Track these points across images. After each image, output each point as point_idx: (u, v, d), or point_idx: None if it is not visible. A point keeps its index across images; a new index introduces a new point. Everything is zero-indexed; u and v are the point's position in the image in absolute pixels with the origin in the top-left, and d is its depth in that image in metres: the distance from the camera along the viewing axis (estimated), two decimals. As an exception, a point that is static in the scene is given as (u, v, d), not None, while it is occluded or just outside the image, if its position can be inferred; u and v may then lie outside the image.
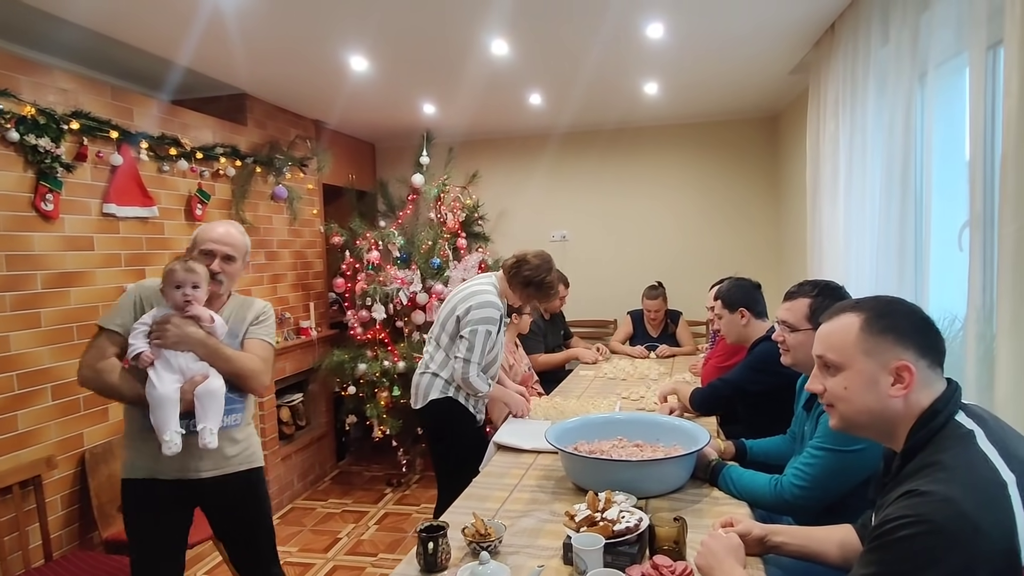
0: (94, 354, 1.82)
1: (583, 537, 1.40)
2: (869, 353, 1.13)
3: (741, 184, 4.89)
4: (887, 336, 1.12)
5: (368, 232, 4.14)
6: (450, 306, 2.54)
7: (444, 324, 2.53)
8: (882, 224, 2.22)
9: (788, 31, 2.93)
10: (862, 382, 1.14)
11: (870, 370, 1.13)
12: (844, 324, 1.18)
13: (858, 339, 1.15)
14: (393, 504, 3.82)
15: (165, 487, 1.85)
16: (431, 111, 4.18)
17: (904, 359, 1.10)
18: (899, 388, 1.10)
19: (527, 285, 2.53)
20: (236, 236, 1.97)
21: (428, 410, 2.53)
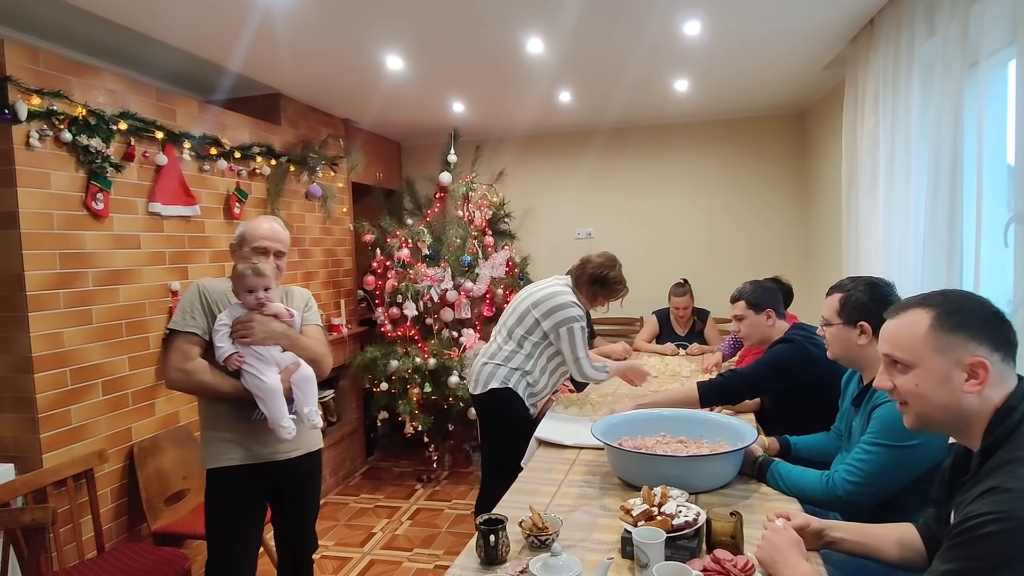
0: (178, 357, 1.87)
1: (644, 531, 1.41)
2: (941, 350, 1.12)
3: (769, 180, 4.86)
4: (959, 332, 1.11)
5: (398, 230, 4.18)
6: (526, 304, 2.63)
7: (522, 318, 2.62)
8: (929, 220, 2.21)
9: (825, 26, 2.91)
10: (935, 379, 1.13)
11: (943, 367, 1.12)
12: (912, 321, 1.17)
13: (928, 336, 1.14)
14: (424, 500, 3.86)
15: (252, 472, 1.97)
16: (460, 109, 4.20)
17: (978, 355, 1.09)
18: (974, 384, 1.10)
19: (592, 283, 2.65)
20: (281, 231, 2.07)
21: (486, 398, 2.61)
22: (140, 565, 2.24)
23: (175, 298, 2.84)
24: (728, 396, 2.40)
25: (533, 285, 2.75)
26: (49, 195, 2.32)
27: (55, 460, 2.29)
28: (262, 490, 2.03)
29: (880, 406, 1.70)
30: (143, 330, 2.69)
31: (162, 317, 2.80)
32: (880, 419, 1.68)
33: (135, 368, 2.66)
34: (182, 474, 2.80)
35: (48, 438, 2.29)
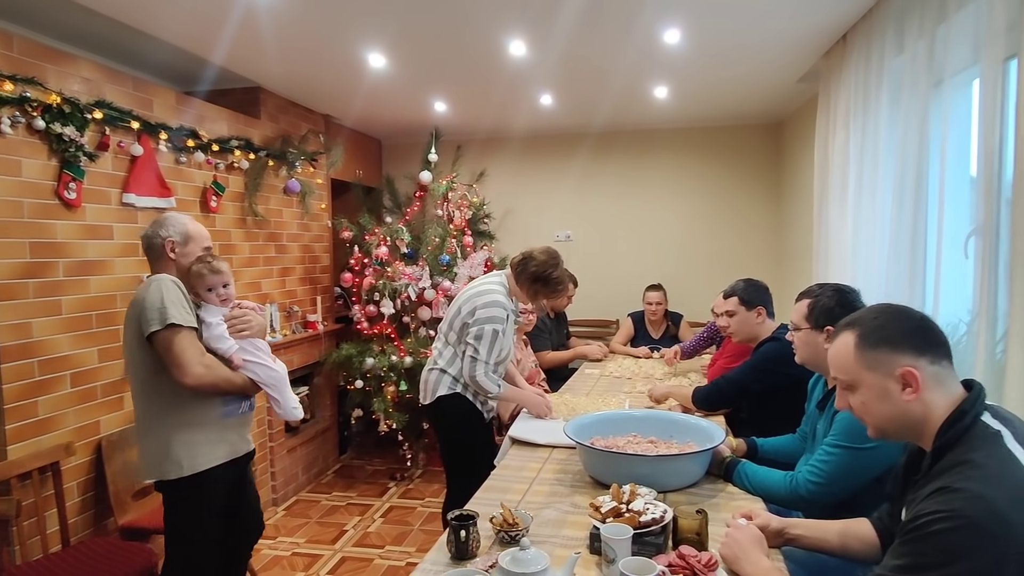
0: (195, 353, 1.84)
1: (612, 527, 1.45)
2: (871, 367, 1.18)
3: (744, 189, 4.96)
4: (882, 347, 1.17)
5: (377, 228, 4.17)
6: (458, 304, 2.56)
7: (452, 321, 2.55)
8: (894, 231, 2.28)
9: (799, 40, 2.99)
10: (875, 395, 1.19)
11: (878, 382, 1.18)
12: (843, 344, 1.24)
13: (857, 356, 1.20)
14: (397, 498, 3.86)
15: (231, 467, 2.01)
16: (442, 109, 4.21)
17: (904, 364, 1.14)
18: (910, 392, 1.15)
19: (534, 281, 2.52)
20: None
21: (436, 406, 2.56)
22: (106, 560, 2.21)
23: (148, 290, 2.80)
24: (719, 403, 2.48)
25: (470, 283, 2.66)
26: (20, 183, 2.28)
27: (21, 452, 2.25)
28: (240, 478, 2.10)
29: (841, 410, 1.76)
30: (113, 322, 2.65)
31: (134, 309, 2.76)
32: (841, 422, 1.74)
33: (104, 360, 2.62)
34: (152, 468, 2.76)
35: (14, 429, 2.24)
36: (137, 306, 1.85)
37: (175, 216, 2.04)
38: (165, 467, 1.89)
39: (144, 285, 1.90)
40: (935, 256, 2.11)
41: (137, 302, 1.86)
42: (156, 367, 1.86)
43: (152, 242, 1.99)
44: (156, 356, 1.84)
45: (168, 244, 1.98)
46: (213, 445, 1.94)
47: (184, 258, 1.98)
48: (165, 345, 1.81)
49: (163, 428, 1.89)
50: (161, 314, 1.80)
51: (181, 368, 1.80)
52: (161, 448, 1.89)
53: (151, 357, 1.85)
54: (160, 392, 1.88)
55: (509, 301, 2.55)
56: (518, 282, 2.55)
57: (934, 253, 2.12)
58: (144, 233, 2.03)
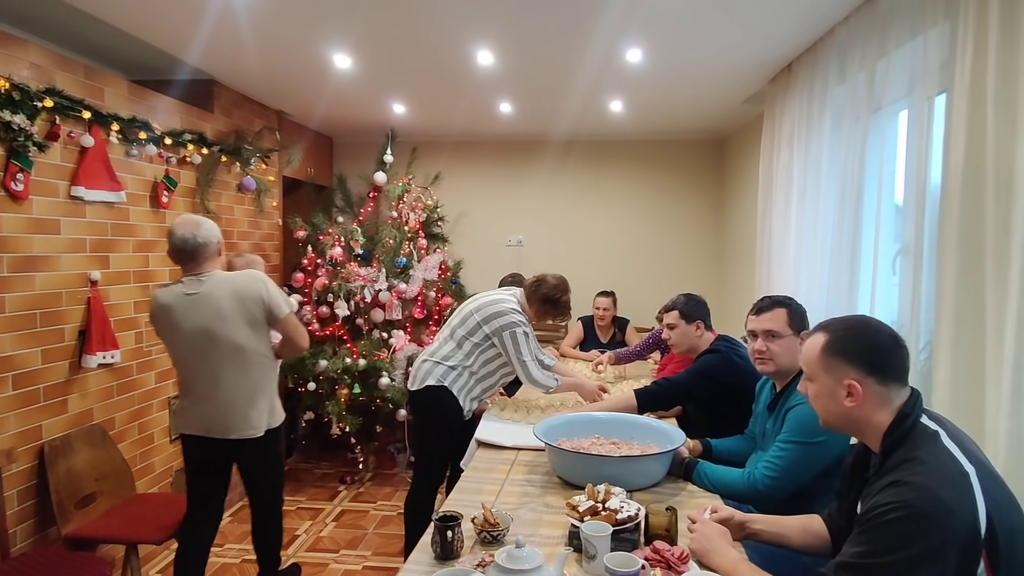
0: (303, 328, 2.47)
1: (592, 525, 1.53)
2: (827, 370, 1.34)
3: (687, 201, 5.20)
4: (838, 357, 1.32)
5: (331, 228, 4.11)
6: (469, 308, 2.74)
7: (466, 320, 2.71)
8: (834, 245, 2.49)
9: (748, 65, 3.19)
10: (825, 392, 1.35)
11: (829, 384, 1.34)
12: (813, 341, 1.38)
13: (819, 357, 1.35)
14: (349, 501, 3.82)
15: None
16: (400, 110, 4.21)
17: (851, 378, 1.29)
18: (851, 400, 1.30)
19: (545, 302, 2.76)
20: None
21: (421, 394, 2.68)
22: (54, 572, 2.10)
23: (94, 288, 2.68)
24: (662, 402, 2.59)
25: (486, 293, 2.85)
26: (-39, 172, 2.14)
27: (-45, 459, 2.12)
28: None
29: (792, 408, 1.91)
30: (58, 321, 2.52)
31: (79, 308, 2.63)
32: (793, 420, 1.89)
33: (48, 361, 2.49)
34: (95, 475, 2.65)
35: (-52, 435, 2.10)
36: (253, 295, 2.28)
37: (208, 221, 2.36)
38: (273, 417, 2.44)
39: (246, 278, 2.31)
40: (871, 270, 2.32)
41: (250, 292, 2.28)
42: (266, 344, 2.37)
43: (209, 243, 2.30)
44: (266, 335, 2.35)
45: (221, 245, 2.38)
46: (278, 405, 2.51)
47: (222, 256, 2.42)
48: (293, 324, 2.38)
49: (270, 390, 2.44)
50: (287, 301, 2.38)
51: (305, 338, 2.44)
52: (267, 406, 2.41)
53: (262, 336, 2.34)
54: (271, 363, 2.42)
55: (522, 315, 2.74)
56: (529, 301, 2.78)
57: (870, 267, 2.33)
58: (190, 235, 2.25)
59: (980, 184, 1.67)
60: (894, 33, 2.12)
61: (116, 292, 2.85)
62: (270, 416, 2.41)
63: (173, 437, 3.24)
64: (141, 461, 3.03)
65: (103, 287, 2.75)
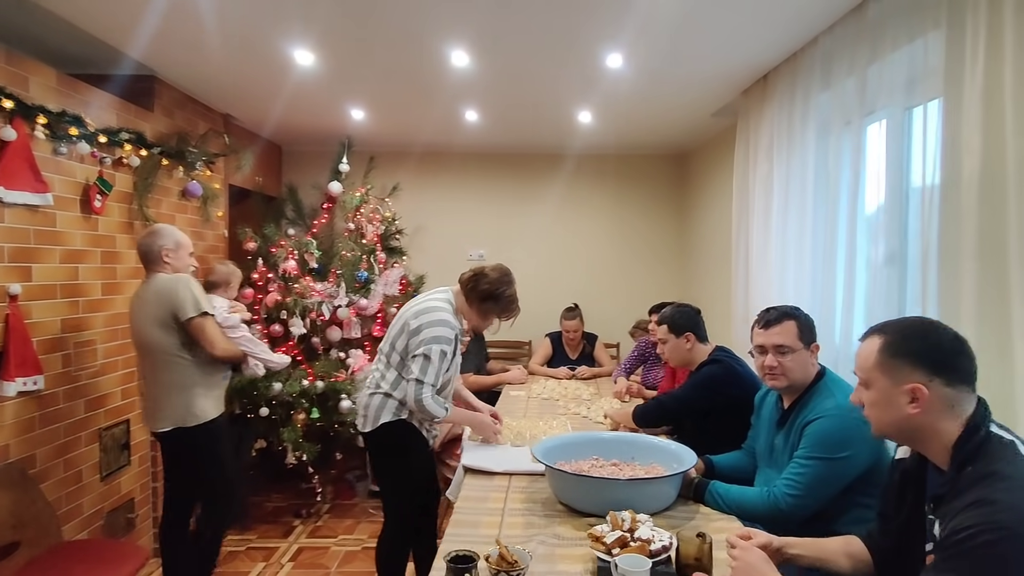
0: (220, 333, 2.53)
1: (628, 559, 1.36)
2: (886, 374, 1.24)
3: (650, 215, 5.20)
4: (899, 360, 1.22)
5: (283, 239, 3.81)
6: (401, 322, 2.35)
7: (394, 342, 2.34)
8: (826, 255, 2.45)
9: (720, 76, 3.16)
10: (883, 399, 1.25)
11: (888, 389, 1.23)
12: (869, 345, 1.28)
13: (877, 361, 1.25)
14: (306, 537, 3.49)
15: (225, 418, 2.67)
16: (359, 117, 3.98)
17: (916, 381, 1.19)
18: (914, 406, 1.20)
19: (485, 299, 2.38)
20: None
21: (379, 433, 2.33)
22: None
23: (13, 304, 2.32)
24: (660, 420, 2.47)
25: (412, 300, 2.46)
26: None
27: None
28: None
29: (811, 423, 1.81)
30: (-30, 342, 2.15)
31: (-5, 327, 2.27)
32: (813, 435, 1.79)
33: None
34: (12, 522, 2.25)
35: None
36: (165, 297, 2.39)
37: (167, 227, 2.57)
38: (187, 418, 2.47)
39: (165, 281, 2.43)
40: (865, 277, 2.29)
41: (164, 295, 2.40)
42: (183, 344, 2.44)
43: (150, 249, 2.48)
44: (184, 335, 2.42)
45: (163, 251, 2.47)
46: (217, 401, 2.60)
47: (178, 261, 2.51)
48: (200, 328, 2.41)
49: (185, 388, 2.47)
50: (195, 304, 2.40)
51: (213, 344, 2.45)
52: (182, 404, 2.46)
53: (179, 336, 2.42)
54: (188, 362, 2.46)
55: (456, 320, 2.38)
56: (468, 301, 2.40)
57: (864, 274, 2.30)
58: (141, 241, 2.52)
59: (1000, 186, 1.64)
60: (888, 37, 2.10)
61: (39, 308, 2.48)
62: (185, 414, 2.47)
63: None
64: (67, 503, 2.63)
65: (24, 302, 2.38)
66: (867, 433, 1.74)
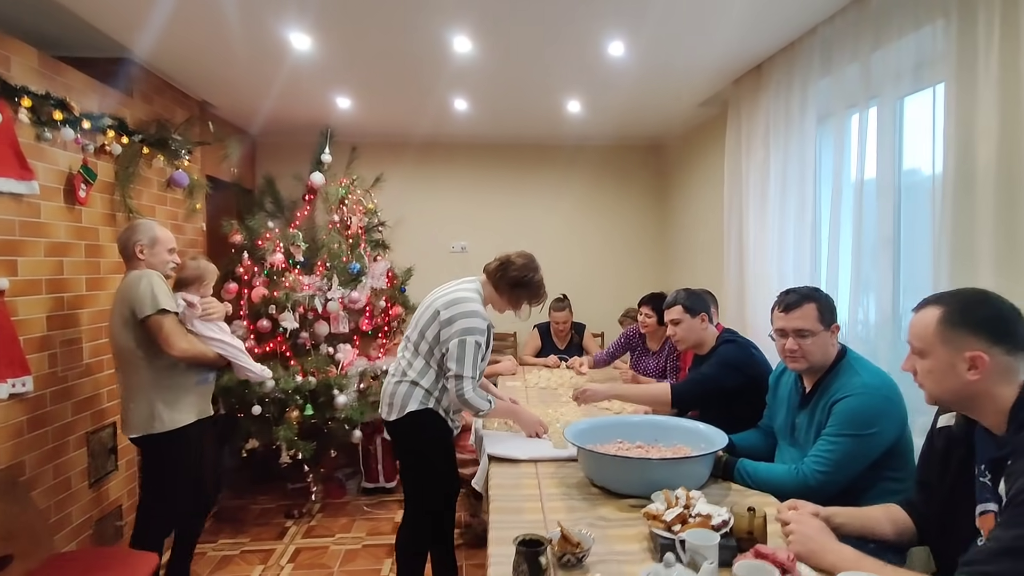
0: (180, 332, 2.34)
1: (697, 534, 1.37)
2: (945, 343, 1.27)
3: (632, 205, 5.26)
4: (960, 329, 1.26)
5: (269, 232, 3.68)
6: (430, 311, 2.31)
7: (424, 330, 2.30)
8: (832, 237, 2.53)
9: (715, 66, 3.22)
10: (941, 367, 1.28)
11: (947, 358, 1.27)
12: (926, 315, 1.32)
13: (937, 331, 1.29)
14: (301, 538, 3.38)
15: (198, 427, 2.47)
16: (345, 105, 3.87)
17: (977, 349, 1.24)
18: (974, 373, 1.24)
19: (516, 286, 2.36)
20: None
21: (405, 422, 2.29)
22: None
23: (0, 299, 2.16)
24: (696, 400, 2.48)
25: (438, 289, 2.43)
26: None
27: None
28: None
29: (840, 401, 1.86)
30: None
31: (-20, 325, 2.10)
32: (842, 413, 1.83)
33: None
34: (3, 534, 2.10)
35: None
36: (127, 295, 2.29)
37: (145, 223, 2.48)
38: (152, 424, 2.33)
39: (131, 278, 2.32)
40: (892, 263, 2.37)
41: (126, 292, 2.30)
42: (143, 344, 2.31)
43: (126, 244, 2.40)
44: (144, 335, 2.30)
45: (137, 247, 2.39)
46: (189, 407, 2.43)
47: (153, 257, 2.41)
48: (157, 326, 2.27)
49: (149, 392, 2.34)
50: (152, 302, 2.26)
51: (168, 343, 2.28)
52: (147, 408, 2.33)
53: (139, 336, 2.30)
54: (150, 363, 2.33)
55: (485, 320, 2.34)
56: (498, 289, 2.38)
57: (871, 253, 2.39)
58: (119, 236, 2.45)
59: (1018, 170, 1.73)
60: (895, 25, 2.18)
61: (25, 305, 2.32)
62: (150, 420, 2.34)
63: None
64: (56, 512, 2.48)
65: (10, 298, 2.23)
66: (893, 410, 1.84)
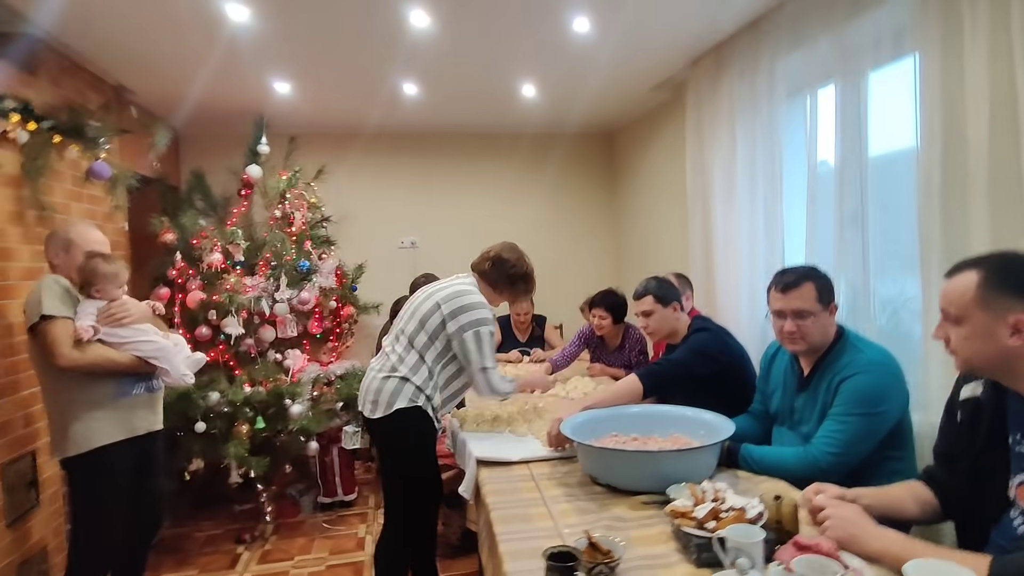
0: (65, 338, 2.04)
1: (739, 530, 1.27)
2: (986, 308, 1.22)
3: (583, 194, 5.19)
4: (1002, 292, 1.21)
5: (204, 231, 3.34)
6: (430, 303, 2.22)
7: (425, 321, 2.20)
8: (810, 216, 2.51)
9: (672, 46, 3.16)
10: (979, 333, 1.23)
11: (986, 322, 1.22)
12: (964, 280, 1.26)
13: (976, 295, 1.23)
14: (257, 564, 3.09)
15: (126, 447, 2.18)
16: (284, 90, 3.57)
17: (1020, 312, 1.19)
18: (1017, 339, 1.20)
19: (515, 281, 2.36)
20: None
21: (392, 420, 2.14)
22: None
23: None
24: (666, 383, 2.39)
25: (432, 285, 2.37)
26: None
27: None
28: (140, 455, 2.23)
29: (847, 380, 1.81)
30: None
31: None
32: (851, 392, 1.78)
33: None
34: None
35: None
36: (27, 304, 2.09)
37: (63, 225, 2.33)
38: (64, 445, 2.09)
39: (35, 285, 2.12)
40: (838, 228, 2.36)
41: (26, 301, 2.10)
42: (39, 356, 2.09)
43: (45, 250, 2.25)
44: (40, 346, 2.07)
45: (51, 252, 2.23)
46: (109, 424, 2.14)
47: (70, 262, 2.20)
48: (42, 335, 2.03)
49: (59, 409, 2.11)
50: (37, 309, 2.03)
51: (52, 353, 2.02)
52: (60, 428, 2.10)
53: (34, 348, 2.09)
54: (52, 377, 2.10)
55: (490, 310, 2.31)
56: (496, 287, 2.36)
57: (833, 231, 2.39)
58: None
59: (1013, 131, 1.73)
60: None
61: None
62: (63, 441, 2.10)
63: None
64: (-33, 561, 2.12)
65: None
66: (900, 387, 1.80)
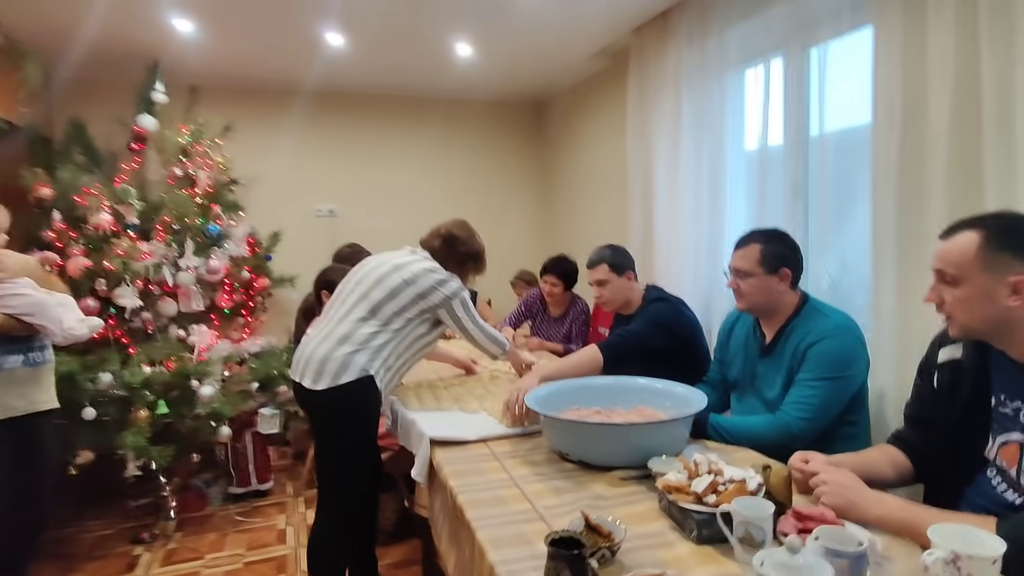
0: None
1: (746, 503, 1.19)
2: (987, 268, 1.20)
3: (512, 164, 5.03)
4: (1004, 253, 1.19)
5: (90, 188, 2.86)
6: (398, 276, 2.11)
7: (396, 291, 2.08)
8: (759, 187, 2.50)
9: (616, 10, 3.06)
10: (977, 295, 1.21)
11: (986, 283, 1.20)
12: (964, 240, 1.23)
13: (977, 255, 1.20)
14: (160, 566, 2.73)
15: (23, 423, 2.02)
16: (187, 29, 3.11)
17: (1020, 273, 1.18)
18: (1015, 299, 1.18)
19: (465, 260, 2.29)
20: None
21: (336, 393, 1.97)
22: None
23: None
24: (625, 355, 2.31)
25: (385, 256, 2.24)
26: None
27: None
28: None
29: (815, 345, 1.80)
30: None
31: None
32: (820, 356, 1.77)
33: None
34: None
35: None
36: None
37: None
38: None
39: None
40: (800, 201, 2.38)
41: None
42: None
43: None
44: None
45: None
46: None
47: None
48: None
49: None
50: None
51: None
52: None
53: None
54: None
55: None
56: (445, 265, 2.23)
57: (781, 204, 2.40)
58: None
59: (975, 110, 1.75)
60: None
61: None
62: None
63: None
64: None
65: None
66: (864, 352, 1.81)
